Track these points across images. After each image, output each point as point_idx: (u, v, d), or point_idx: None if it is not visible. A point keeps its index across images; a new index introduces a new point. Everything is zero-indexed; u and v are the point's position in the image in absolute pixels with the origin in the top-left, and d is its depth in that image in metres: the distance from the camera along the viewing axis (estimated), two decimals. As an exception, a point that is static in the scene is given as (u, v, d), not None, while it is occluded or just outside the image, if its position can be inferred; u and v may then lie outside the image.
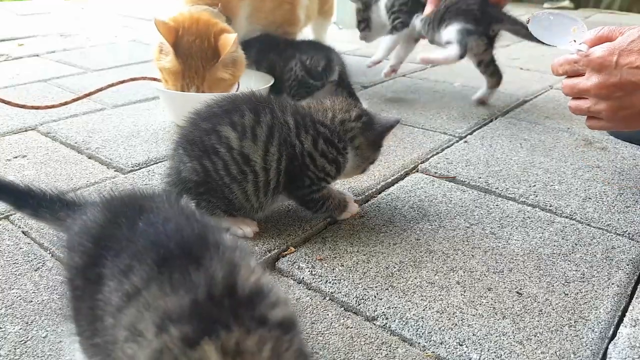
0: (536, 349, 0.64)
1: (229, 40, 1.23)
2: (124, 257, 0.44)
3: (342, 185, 1.05)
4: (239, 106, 0.81)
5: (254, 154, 0.80)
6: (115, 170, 1.12)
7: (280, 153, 0.81)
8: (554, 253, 0.84)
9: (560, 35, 0.90)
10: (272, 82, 1.40)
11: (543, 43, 0.95)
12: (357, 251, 0.84)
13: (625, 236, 0.89)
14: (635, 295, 0.75)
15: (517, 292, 0.74)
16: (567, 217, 0.95)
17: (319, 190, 0.87)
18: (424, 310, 0.71)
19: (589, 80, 0.87)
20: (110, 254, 0.46)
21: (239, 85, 1.40)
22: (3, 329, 0.66)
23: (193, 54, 1.23)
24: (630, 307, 0.72)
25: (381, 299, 0.73)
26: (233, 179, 0.80)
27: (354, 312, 0.71)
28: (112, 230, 0.48)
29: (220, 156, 0.79)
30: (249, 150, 0.80)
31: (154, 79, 1.43)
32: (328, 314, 0.71)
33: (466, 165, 1.15)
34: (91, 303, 0.46)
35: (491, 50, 1.49)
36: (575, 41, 0.88)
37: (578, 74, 0.90)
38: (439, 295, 0.74)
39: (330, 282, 0.76)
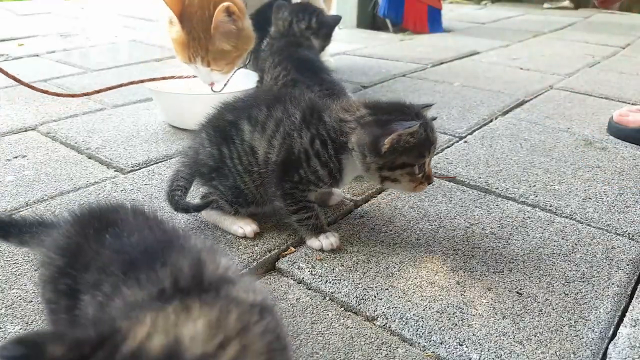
0: (536, 349, 0.64)
1: (221, 9, 1.23)
2: (93, 271, 0.46)
3: (344, 190, 1.05)
4: (258, 101, 0.87)
5: (258, 146, 0.83)
6: (115, 170, 1.12)
7: (281, 146, 0.83)
8: (554, 253, 0.84)
9: None
10: None
11: None
12: (357, 251, 0.84)
13: (625, 236, 0.89)
14: (635, 295, 0.75)
15: (517, 292, 0.74)
16: (567, 217, 0.95)
17: (304, 191, 0.84)
18: (424, 310, 0.71)
19: None
20: (78, 266, 0.48)
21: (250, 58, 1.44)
22: (3, 329, 0.66)
23: (195, 25, 1.25)
24: (630, 307, 0.72)
25: (381, 299, 0.73)
26: (245, 169, 0.85)
27: (354, 312, 0.71)
28: (80, 243, 0.50)
29: (236, 146, 0.84)
30: (256, 142, 0.83)
31: (180, 77, 1.45)
32: (328, 314, 0.71)
33: (466, 165, 1.15)
34: (69, 317, 0.47)
35: None
36: None
37: None
38: (439, 295, 0.74)
39: (330, 282, 0.76)
